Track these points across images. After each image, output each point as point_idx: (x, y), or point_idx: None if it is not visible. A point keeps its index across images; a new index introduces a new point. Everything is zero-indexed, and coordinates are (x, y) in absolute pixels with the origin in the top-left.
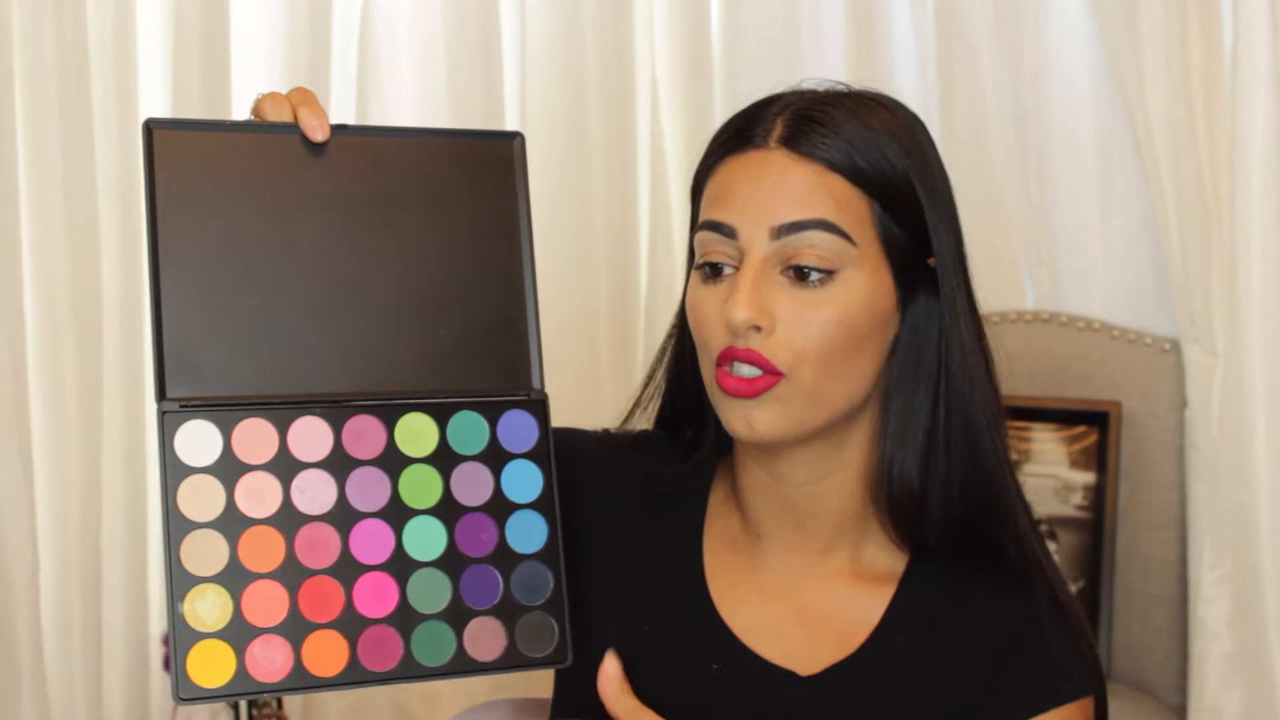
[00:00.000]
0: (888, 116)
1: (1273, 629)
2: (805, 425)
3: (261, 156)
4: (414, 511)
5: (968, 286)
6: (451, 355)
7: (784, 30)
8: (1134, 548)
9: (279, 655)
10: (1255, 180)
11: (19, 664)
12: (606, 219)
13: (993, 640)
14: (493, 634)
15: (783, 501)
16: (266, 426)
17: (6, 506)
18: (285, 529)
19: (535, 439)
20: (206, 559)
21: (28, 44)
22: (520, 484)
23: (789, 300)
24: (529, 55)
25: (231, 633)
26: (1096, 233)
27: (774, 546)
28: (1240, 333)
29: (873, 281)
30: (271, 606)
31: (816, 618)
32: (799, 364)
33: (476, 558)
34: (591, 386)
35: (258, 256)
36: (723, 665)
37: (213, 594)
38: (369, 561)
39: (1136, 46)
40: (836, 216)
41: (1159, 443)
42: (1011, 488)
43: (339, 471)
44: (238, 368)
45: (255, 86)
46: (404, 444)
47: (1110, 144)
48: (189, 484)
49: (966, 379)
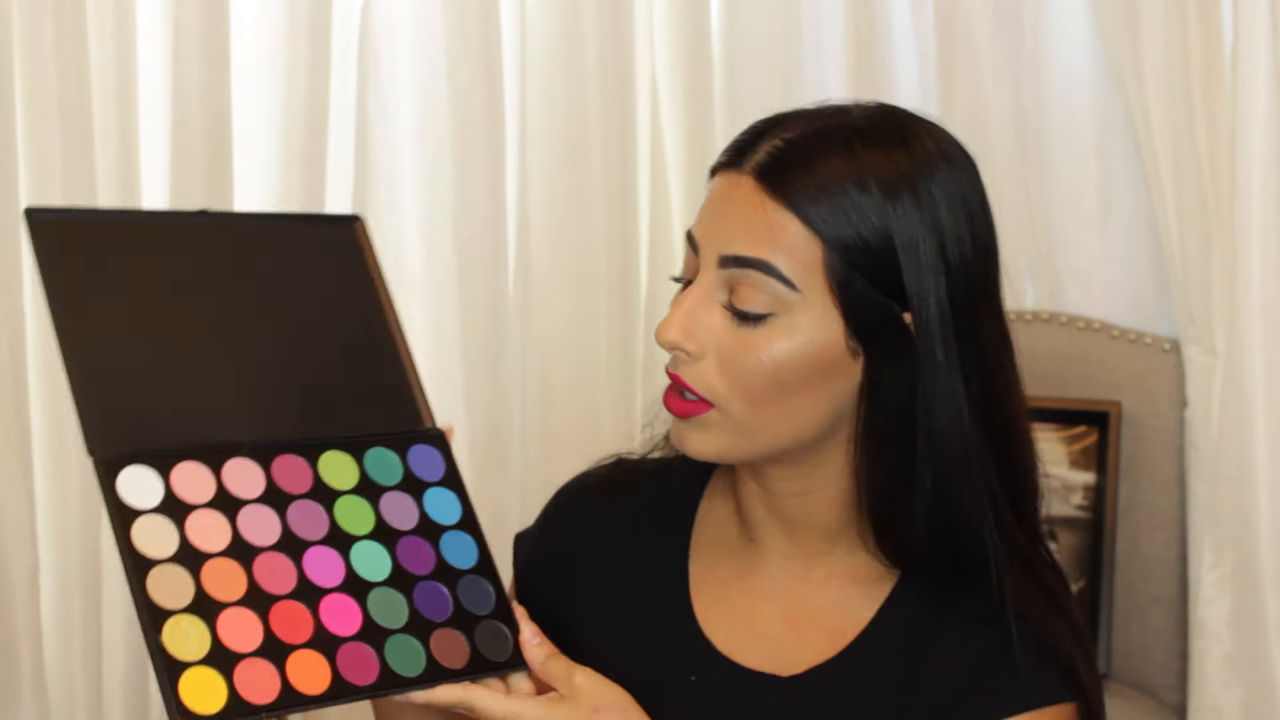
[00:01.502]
0: (896, 157)
1: (1273, 629)
2: (738, 453)
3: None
4: (354, 537)
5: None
6: (346, 402)
7: (784, 30)
8: (1134, 548)
9: (266, 677)
10: (1255, 180)
11: (19, 664)
12: (606, 219)
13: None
14: (456, 643)
15: (772, 509)
16: (201, 468)
17: (6, 506)
18: (242, 560)
19: (444, 468)
20: (173, 592)
21: (28, 44)
22: (441, 508)
23: (726, 332)
24: (529, 55)
25: (215, 659)
26: (1096, 233)
27: (767, 552)
28: (1240, 333)
29: (814, 328)
30: (247, 632)
31: (806, 619)
32: (727, 398)
33: (422, 575)
34: (591, 387)
35: (154, 326)
36: (701, 676)
37: (188, 624)
38: (326, 585)
39: (1136, 46)
40: (781, 260)
41: (1159, 443)
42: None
43: (277, 505)
44: (156, 426)
45: (255, 86)
46: (329, 478)
47: (1110, 144)
48: (140, 524)
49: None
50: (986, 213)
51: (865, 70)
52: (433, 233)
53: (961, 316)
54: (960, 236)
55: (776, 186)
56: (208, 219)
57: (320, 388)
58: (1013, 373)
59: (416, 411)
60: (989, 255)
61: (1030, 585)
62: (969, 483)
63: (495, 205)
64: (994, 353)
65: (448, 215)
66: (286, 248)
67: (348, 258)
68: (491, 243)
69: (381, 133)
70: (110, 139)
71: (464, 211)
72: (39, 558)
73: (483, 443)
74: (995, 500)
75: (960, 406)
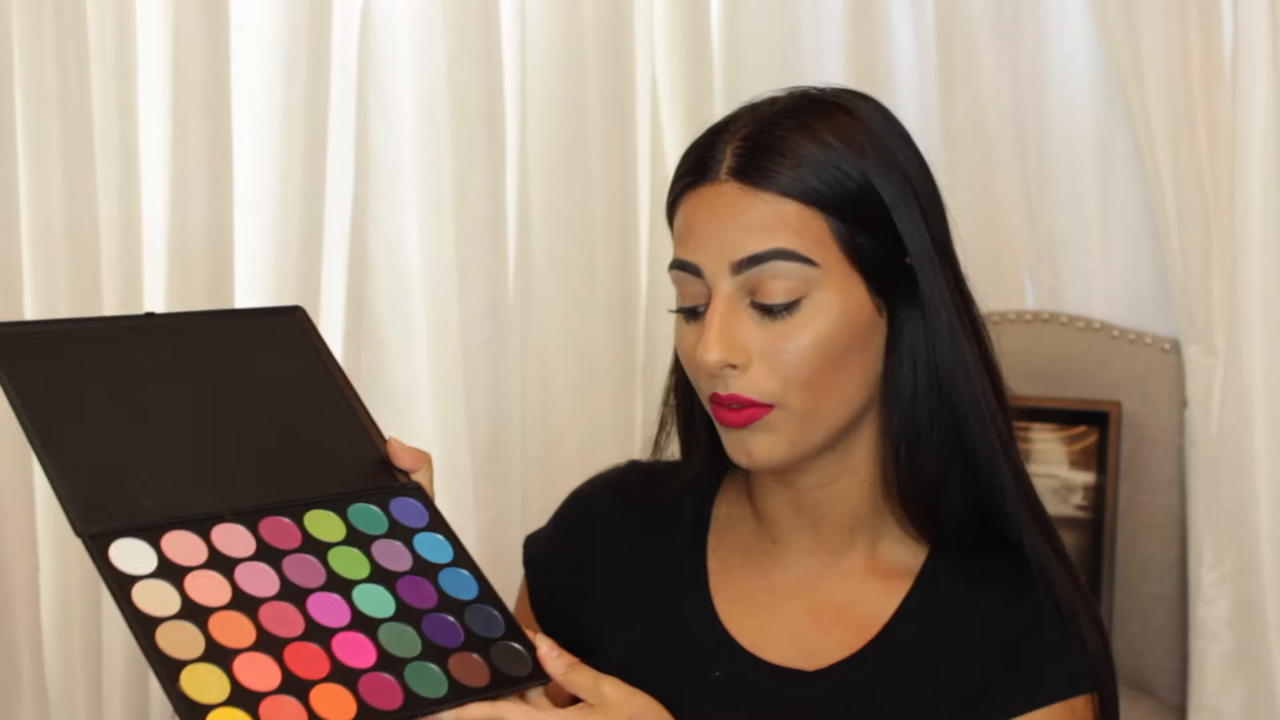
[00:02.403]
0: (844, 121)
1: (1273, 629)
2: (805, 445)
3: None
4: (353, 581)
5: (954, 273)
6: (319, 469)
7: (784, 30)
8: (1134, 548)
9: (292, 712)
10: (1255, 180)
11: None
12: (606, 218)
13: (998, 637)
14: (474, 665)
15: (796, 506)
16: (190, 536)
17: (6, 506)
18: (247, 611)
19: (427, 516)
20: (184, 645)
21: (28, 44)
22: (432, 550)
23: (761, 333)
24: (529, 55)
25: (239, 700)
26: (1096, 233)
27: (790, 550)
28: (1240, 333)
29: (843, 297)
30: (264, 673)
31: (830, 615)
32: (785, 393)
33: (427, 609)
34: (590, 387)
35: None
36: (725, 672)
37: (204, 672)
38: (334, 624)
39: (1136, 46)
40: (793, 242)
41: (1159, 443)
42: (1006, 475)
43: (272, 560)
44: (140, 503)
45: (255, 86)
46: (318, 533)
47: (1110, 144)
48: (140, 588)
49: (962, 368)
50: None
51: (865, 70)
52: (433, 232)
53: (944, 252)
54: (919, 175)
55: (759, 178)
56: (155, 321)
57: (291, 458)
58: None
59: (390, 471)
60: (932, 181)
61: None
62: (978, 418)
63: (495, 205)
64: (965, 285)
65: (448, 215)
66: (233, 338)
67: (293, 344)
68: (491, 243)
69: (381, 132)
70: (110, 139)
71: (464, 211)
72: (39, 558)
73: (483, 443)
74: (1000, 427)
75: (960, 339)
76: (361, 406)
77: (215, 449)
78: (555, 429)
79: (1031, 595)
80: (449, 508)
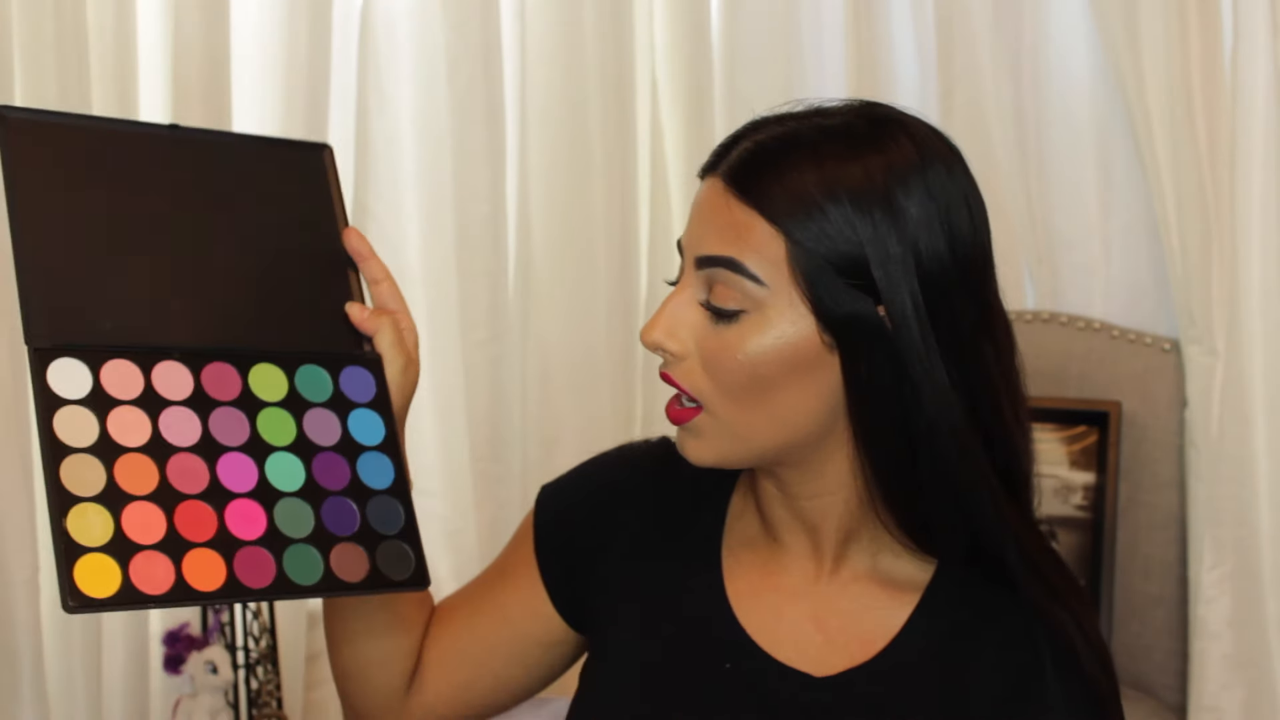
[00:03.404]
0: (869, 164)
1: (1273, 629)
2: (735, 458)
3: (109, 145)
4: (273, 448)
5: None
6: (288, 319)
7: (784, 30)
8: (1134, 548)
9: (160, 570)
10: (1255, 180)
11: (19, 664)
12: (606, 219)
13: (1006, 672)
14: (356, 558)
15: (792, 510)
16: (131, 368)
17: (6, 506)
18: (157, 457)
19: (374, 391)
20: (85, 481)
21: (28, 44)
22: (365, 429)
23: (707, 334)
24: (529, 55)
25: (115, 548)
26: (1096, 233)
27: (791, 552)
28: (1240, 333)
29: (787, 324)
30: (150, 526)
31: (835, 623)
32: (711, 398)
33: (334, 490)
34: (591, 386)
35: (110, 227)
36: (736, 665)
37: (93, 512)
38: (236, 490)
39: (1136, 46)
40: (747, 258)
41: (1159, 443)
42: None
43: (201, 410)
44: (98, 321)
45: (255, 86)
46: (258, 389)
47: (1110, 144)
48: (63, 413)
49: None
50: (968, 206)
51: (865, 70)
52: (432, 232)
53: (937, 306)
54: (934, 236)
55: (744, 187)
56: (178, 133)
57: (264, 302)
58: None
59: (357, 337)
60: (966, 248)
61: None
62: (966, 473)
63: (495, 204)
64: (971, 338)
65: (448, 214)
66: (252, 166)
67: (311, 183)
68: (491, 242)
69: (381, 132)
70: None
71: (464, 210)
72: (39, 558)
73: (483, 443)
74: (985, 480)
75: (942, 392)
76: (355, 268)
77: (195, 276)
78: (555, 429)
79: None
80: (449, 507)
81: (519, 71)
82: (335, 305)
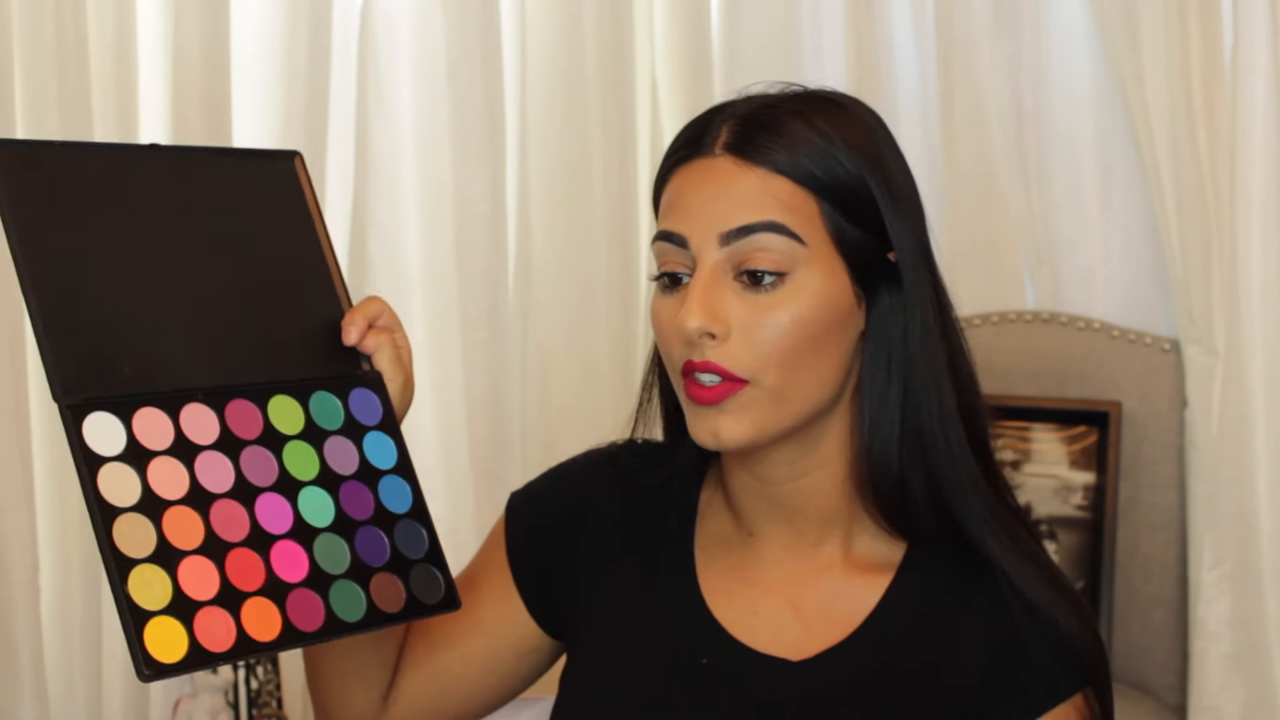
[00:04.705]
0: (840, 116)
1: (1273, 629)
2: (772, 429)
3: (94, 172)
4: (301, 483)
5: (933, 277)
6: (290, 342)
7: (784, 30)
8: (1134, 548)
9: (222, 626)
10: (1255, 180)
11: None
12: (606, 219)
13: (982, 639)
14: (393, 587)
15: (769, 500)
16: (160, 415)
17: (6, 506)
18: (199, 508)
19: (381, 412)
20: (137, 542)
21: (28, 44)
22: (379, 453)
23: (743, 306)
24: (529, 55)
25: (177, 609)
26: (1096, 233)
27: (766, 544)
28: (1240, 333)
29: (827, 280)
30: (205, 581)
31: (812, 609)
32: (760, 369)
33: (362, 520)
34: (591, 386)
35: (110, 261)
36: (713, 659)
37: (150, 573)
38: (276, 531)
39: (1136, 46)
40: (784, 217)
41: (1159, 443)
42: (963, 480)
43: (231, 452)
44: (119, 367)
45: (255, 86)
46: (278, 423)
47: (1110, 144)
48: (105, 472)
49: (929, 367)
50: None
51: (865, 69)
52: (433, 232)
53: (927, 252)
54: (907, 181)
55: (756, 154)
56: (159, 153)
57: (266, 327)
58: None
59: (355, 355)
60: (920, 199)
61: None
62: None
63: (495, 204)
64: (945, 291)
65: (448, 215)
66: (230, 182)
67: (287, 192)
68: (491, 242)
69: (381, 133)
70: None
71: (464, 211)
72: (39, 558)
73: (483, 443)
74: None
75: (934, 340)
76: (340, 278)
77: (196, 308)
78: (555, 429)
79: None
80: (449, 508)
81: (519, 71)
82: (328, 322)
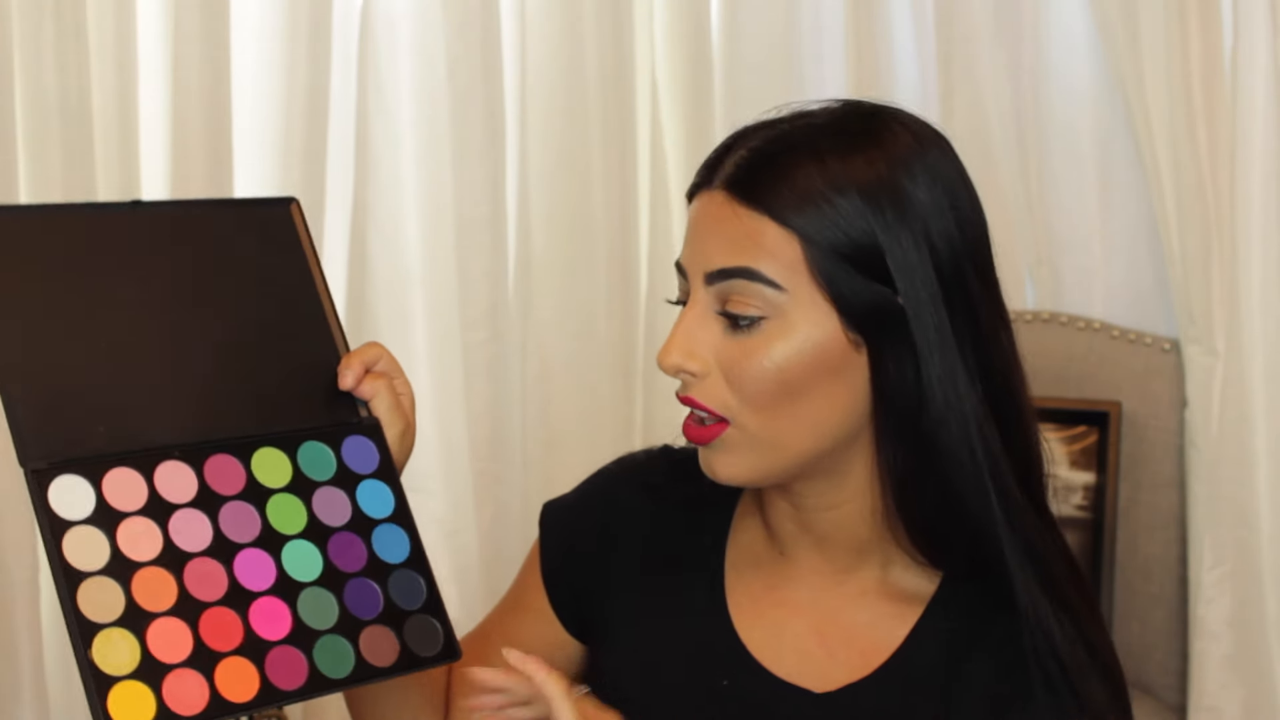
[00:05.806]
0: (866, 150)
1: (1273, 629)
2: (771, 470)
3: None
4: (286, 537)
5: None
6: (280, 394)
7: (784, 31)
8: (1134, 548)
9: (194, 688)
10: (1255, 180)
11: (19, 664)
12: (606, 219)
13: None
14: (385, 640)
15: (802, 525)
16: (133, 475)
17: (6, 506)
18: (172, 568)
19: (378, 459)
20: (104, 606)
21: (28, 44)
22: (374, 502)
23: (726, 346)
24: (529, 55)
25: (144, 673)
26: (1096, 233)
27: (798, 566)
28: (1240, 333)
29: (809, 326)
30: (176, 642)
31: (838, 637)
32: (738, 410)
33: (353, 572)
34: (591, 387)
35: (87, 322)
36: (734, 681)
37: (117, 637)
38: (256, 588)
39: (1136, 46)
40: (762, 264)
41: (1159, 443)
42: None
43: (209, 509)
44: (91, 428)
45: (255, 86)
46: (262, 477)
47: (1110, 144)
48: (71, 536)
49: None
50: (967, 188)
51: (865, 70)
52: (432, 232)
53: (952, 291)
54: (944, 219)
55: (747, 194)
56: (140, 209)
57: (254, 379)
58: (1009, 344)
59: (351, 402)
60: (974, 228)
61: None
62: (971, 460)
63: (495, 204)
64: (989, 323)
65: (447, 214)
66: (220, 234)
67: (282, 241)
68: (491, 242)
69: (381, 132)
70: (110, 139)
71: (464, 211)
72: (39, 558)
73: (483, 443)
74: (999, 476)
75: (958, 382)
76: (339, 326)
77: (179, 364)
78: (555, 429)
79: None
80: (449, 508)
81: (519, 71)
82: (324, 369)
